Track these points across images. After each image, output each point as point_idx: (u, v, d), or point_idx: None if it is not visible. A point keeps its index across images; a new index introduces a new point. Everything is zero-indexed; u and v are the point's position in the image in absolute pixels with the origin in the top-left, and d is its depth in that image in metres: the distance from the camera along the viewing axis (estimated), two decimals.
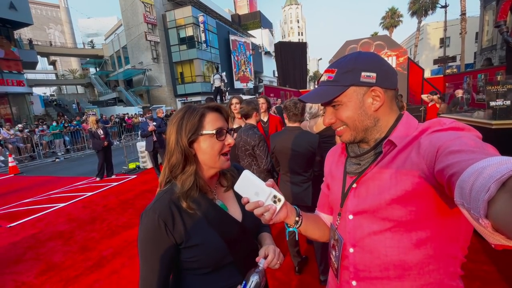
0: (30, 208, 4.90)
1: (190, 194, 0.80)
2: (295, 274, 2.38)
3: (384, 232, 0.65)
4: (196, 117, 0.82)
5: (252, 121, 2.40)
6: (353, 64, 0.68)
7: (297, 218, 0.75)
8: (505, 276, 2.14)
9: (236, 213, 0.90)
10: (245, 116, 2.41)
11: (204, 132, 0.81)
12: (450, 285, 0.65)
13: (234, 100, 3.10)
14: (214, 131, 0.81)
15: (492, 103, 2.88)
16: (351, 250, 0.72)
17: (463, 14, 22.91)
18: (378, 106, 0.68)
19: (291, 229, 0.77)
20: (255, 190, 0.66)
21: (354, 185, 0.72)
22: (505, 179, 0.33)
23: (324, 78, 0.73)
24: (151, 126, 5.55)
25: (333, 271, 0.81)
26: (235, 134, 2.42)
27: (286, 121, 2.27)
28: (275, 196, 0.65)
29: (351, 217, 0.73)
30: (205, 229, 0.81)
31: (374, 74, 0.67)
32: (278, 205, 0.65)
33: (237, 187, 0.68)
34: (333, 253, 0.79)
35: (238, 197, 0.92)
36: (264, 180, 0.67)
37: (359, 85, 0.67)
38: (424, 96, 7.41)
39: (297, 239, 0.78)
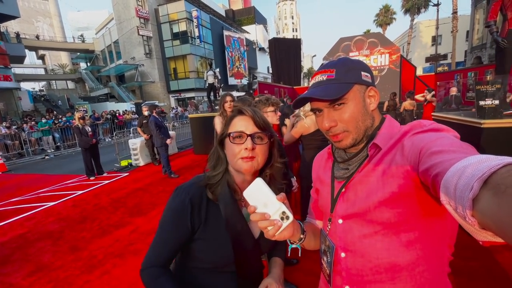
0: (18, 207, 4.79)
1: (215, 188, 0.84)
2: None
3: (374, 235, 0.66)
4: (228, 119, 0.88)
5: None
6: (351, 64, 0.69)
7: (301, 236, 0.73)
8: (491, 272, 2.20)
9: (256, 226, 0.88)
10: None
11: (228, 132, 0.85)
12: (439, 283, 0.66)
13: (229, 98, 3.05)
14: (229, 133, 0.83)
15: (481, 103, 2.92)
16: (343, 254, 0.72)
17: (454, 12, 23.18)
18: (375, 106, 0.70)
19: (294, 245, 0.75)
20: (265, 201, 0.62)
21: (343, 190, 0.72)
22: (487, 177, 0.34)
23: (322, 78, 0.69)
24: (169, 140, 5.96)
25: (325, 277, 0.80)
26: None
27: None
28: (283, 213, 0.61)
29: (340, 221, 0.72)
30: (221, 230, 0.82)
31: (369, 75, 0.69)
32: (285, 223, 0.61)
33: (247, 193, 0.65)
34: (325, 259, 0.79)
35: None
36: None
37: (361, 84, 0.68)
38: (418, 96, 7.48)
39: (299, 255, 0.76)
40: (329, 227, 0.77)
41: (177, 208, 0.82)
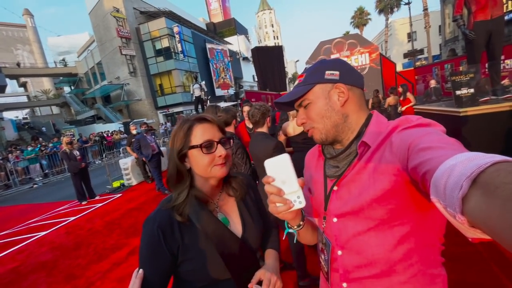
0: (8, 240, 4.62)
1: (183, 208, 0.80)
2: None
3: (368, 232, 0.67)
4: (184, 130, 0.80)
5: (230, 129, 2.44)
6: (318, 66, 0.74)
7: (301, 222, 0.74)
8: (486, 256, 2.24)
9: (237, 226, 0.87)
10: (225, 123, 2.43)
11: (192, 145, 0.79)
12: (433, 273, 0.67)
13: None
14: (199, 145, 0.78)
15: (458, 92, 3.06)
16: (340, 252, 0.73)
17: (425, 9, 24.27)
18: (343, 101, 0.71)
19: (291, 230, 0.76)
20: (284, 178, 0.61)
21: (335, 188, 0.74)
22: (475, 176, 0.34)
23: (296, 83, 0.79)
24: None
25: (323, 274, 0.81)
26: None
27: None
28: (298, 197, 0.61)
29: (335, 220, 0.74)
30: (202, 243, 0.79)
31: (337, 72, 0.71)
32: (296, 206, 0.60)
33: (269, 163, 0.62)
34: (322, 256, 0.80)
35: (241, 209, 0.90)
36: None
37: (324, 82, 0.72)
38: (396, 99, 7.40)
39: (295, 241, 0.76)
40: (324, 225, 0.78)
41: (149, 239, 0.78)
